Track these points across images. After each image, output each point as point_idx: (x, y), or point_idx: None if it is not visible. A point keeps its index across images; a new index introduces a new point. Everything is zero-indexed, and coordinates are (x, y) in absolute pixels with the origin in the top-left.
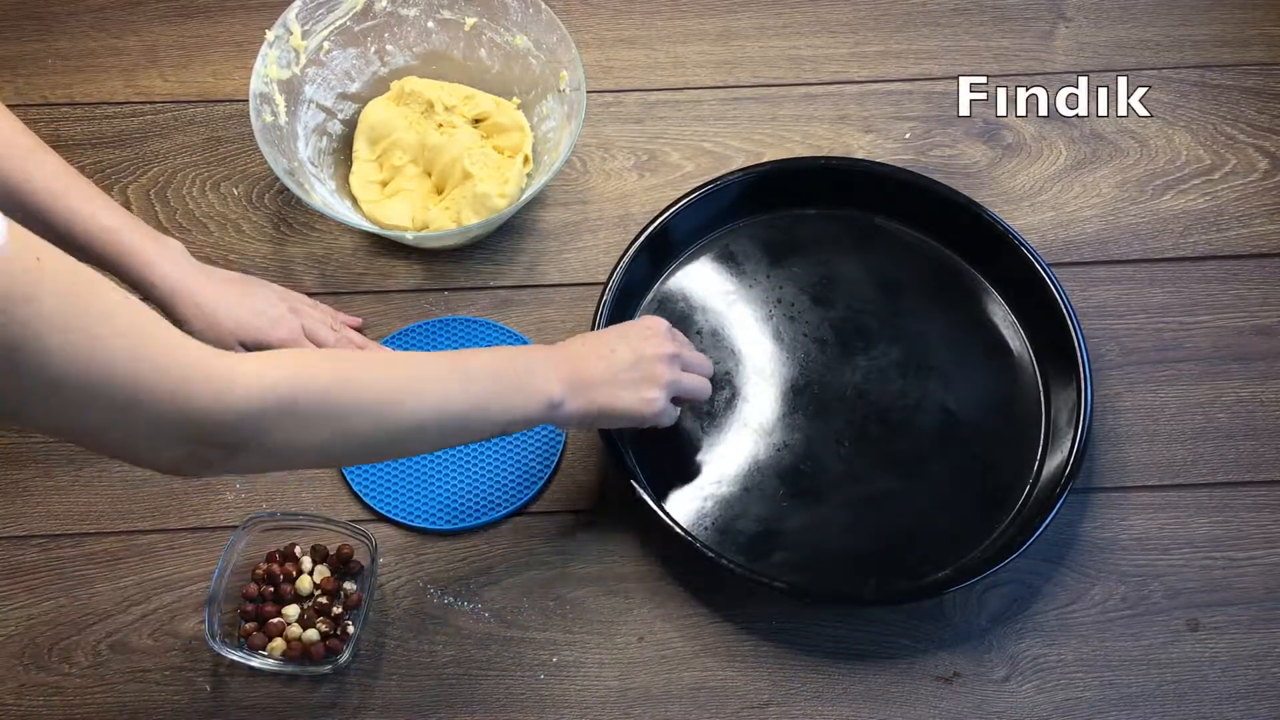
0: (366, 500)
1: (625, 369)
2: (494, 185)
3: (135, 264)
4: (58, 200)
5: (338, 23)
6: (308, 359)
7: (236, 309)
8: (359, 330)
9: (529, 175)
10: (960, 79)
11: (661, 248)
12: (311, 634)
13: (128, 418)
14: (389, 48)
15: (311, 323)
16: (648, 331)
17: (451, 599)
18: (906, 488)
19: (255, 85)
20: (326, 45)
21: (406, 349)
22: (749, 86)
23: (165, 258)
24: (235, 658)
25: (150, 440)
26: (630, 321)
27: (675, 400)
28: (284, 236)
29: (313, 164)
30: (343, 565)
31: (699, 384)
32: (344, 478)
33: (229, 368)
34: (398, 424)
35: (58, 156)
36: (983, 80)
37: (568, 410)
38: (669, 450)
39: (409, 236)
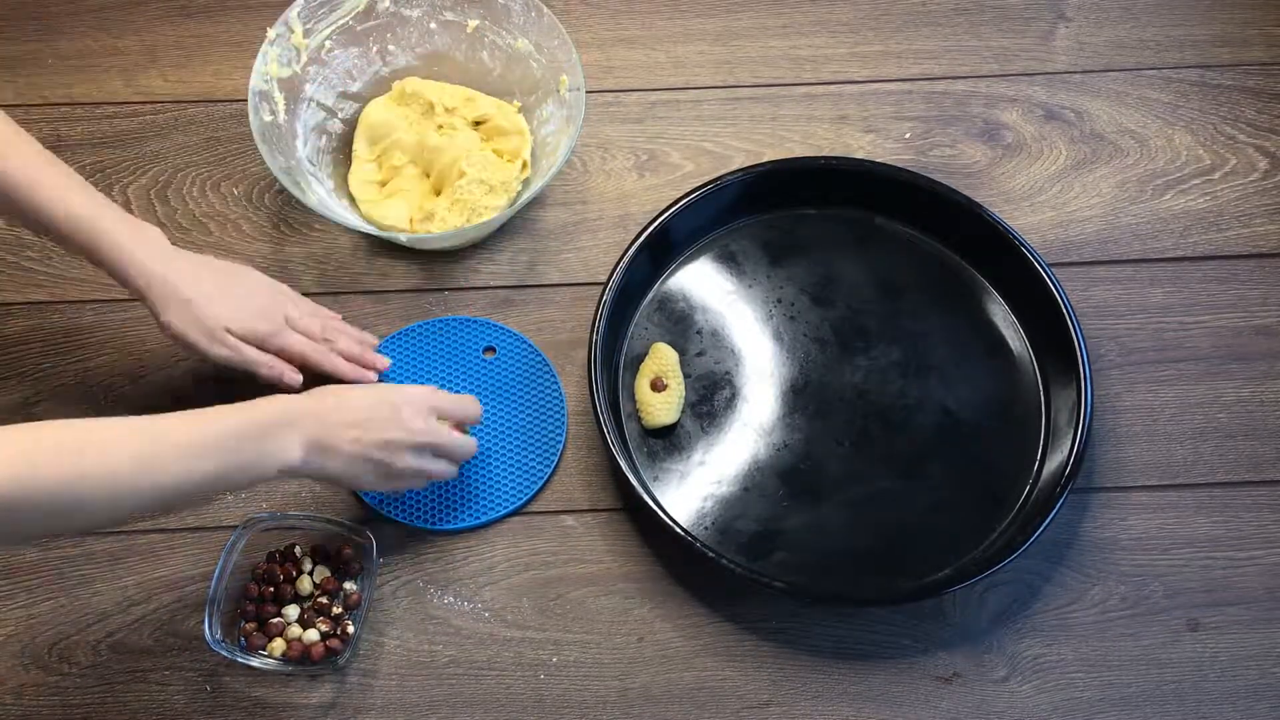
0: (366, 500)
1: (374, 448)
2: (490, 189)
3: (110, 254)
4: (33, 190)
5: (340, 22)
6: None
7: (216, 300)
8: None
9: (526, 180)
10: (960, 79)
11: (661, 248)
12: (311, 634)
13: None
14: (391, 48)
15: (295, 311)
16: (408, 410)
17: (451, 599)
18: (906, 488)
19: (255, 83)
20: (328, 44)
21: (406, 349)
22: (749, 86)
23: (141, 246)
24: (235, 658)
25: None
26: (398, 391)
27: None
28: (283, 236)
29: (311, 163)
30: (343, 565)
31: (445, 470)
32: None
33: None
34: (85, 522)
35: (37, 145)
36: (983, 80)
37: (302, 473)
38: (669, 450)
39: (403, 238)
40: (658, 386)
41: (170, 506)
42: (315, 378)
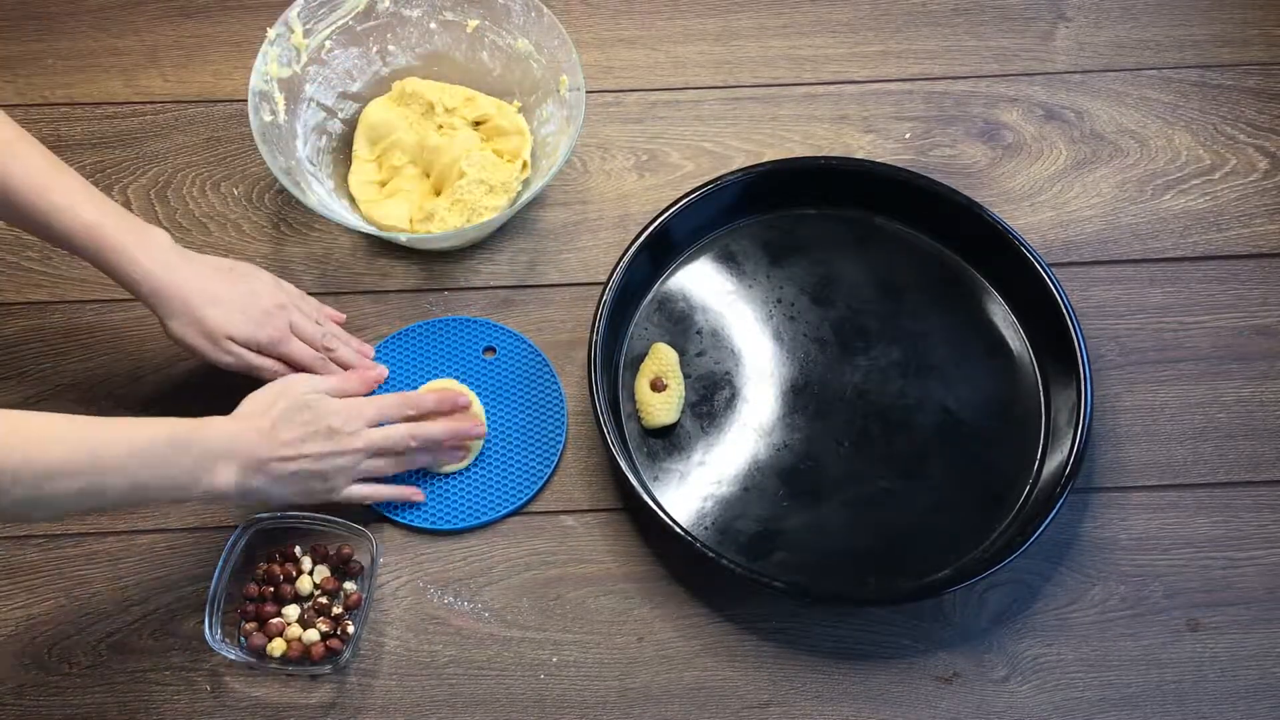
0: None
1: (308, 470)
2: (490, 189)
3: (116, 260)
4: (39, 195)
5: (340, 22)
6: None
7: (222, 305)
8: (342, 326)
9: (526, 180)
10: (960, 79)
11: (661, 248)
12: (311, 634)
13: None
14: (391, 48)
15: (298, 317)
16: (344, 427)
17: (451, 599)
18: (906, 488)
19: (255, 83)
20: (328, 44)
21: (406, 349)
22: (749, 86)
23: (147, 253)
24: (235, 658)
25: None
26: (329, 407)
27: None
28: (283, 236)
29: (311, 163)
30: (343, 565)
31: (390, 493)
32: None
33: None
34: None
35: (41, 148)
36: (983, 80)
37: (233, 500)
38: (669, 450)
39: (403, 238)
40: (658, 386)
41: (94, 506)
42: None
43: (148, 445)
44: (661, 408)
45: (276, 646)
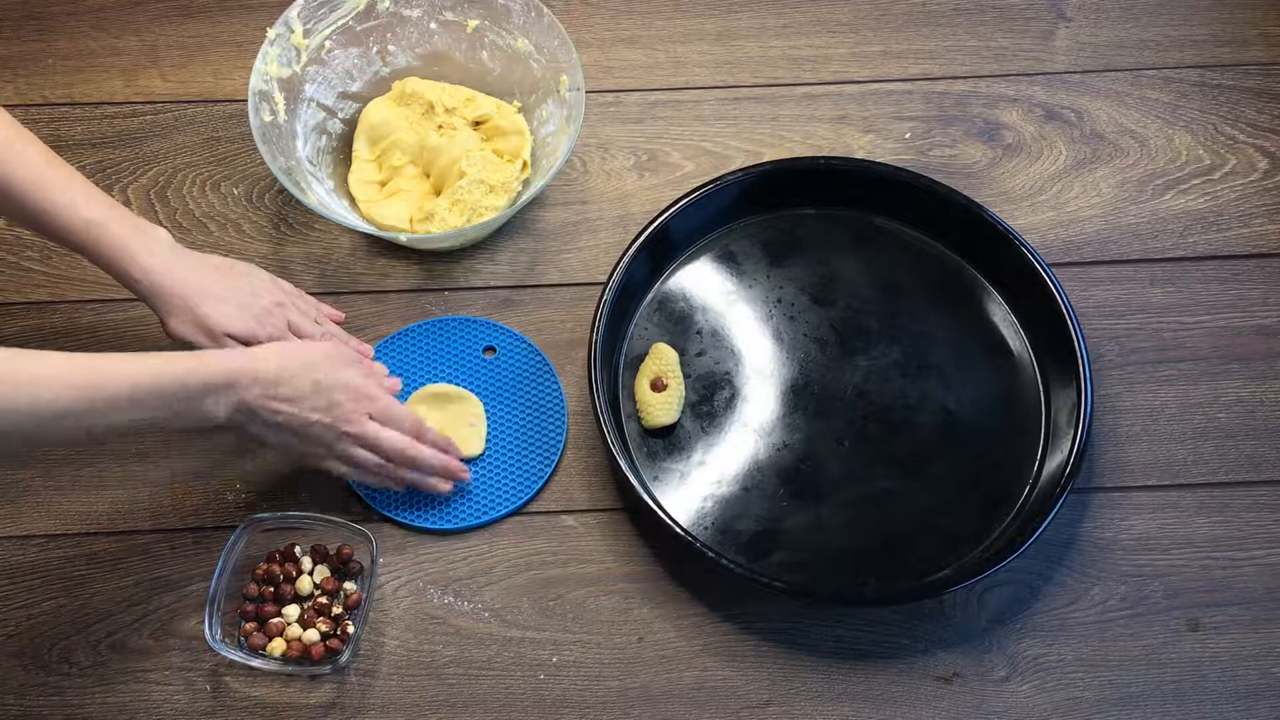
0: (366, 500)
1: (299, 428)
2: (490, 189)
3: (116, 258)
4: (38, 193)
5: (340, 22)
6: None
7: (221, 303)
8: (341, 325)
9: (526, 180)
10: (960, 79)
11: (661, 248)
12: (311, 634)
13: None
14: (391, 48)
15: (297, 315)
16: (346, 405)
17: (451, 599)
18: (906, 488)
19: (255, 83)
20: (328, 44)
21: (406, 349)
22: (749, 86)
23: (147, 251)
24: (235, 658)
25: None
26: (341, 382)
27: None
28: (283, 236)
29: (311, 163)
30: (343, 565)
31: (370, 463)
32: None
33: None
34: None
35: (40, 144)
36: (983, 80)
37: (226, 427)
38: (669, 450)
39: (403, 238)
40: (658, 386)
41: (96, 441)
42: None
43: (149, 383)
44: (661, 408)
45: (276, 646)
